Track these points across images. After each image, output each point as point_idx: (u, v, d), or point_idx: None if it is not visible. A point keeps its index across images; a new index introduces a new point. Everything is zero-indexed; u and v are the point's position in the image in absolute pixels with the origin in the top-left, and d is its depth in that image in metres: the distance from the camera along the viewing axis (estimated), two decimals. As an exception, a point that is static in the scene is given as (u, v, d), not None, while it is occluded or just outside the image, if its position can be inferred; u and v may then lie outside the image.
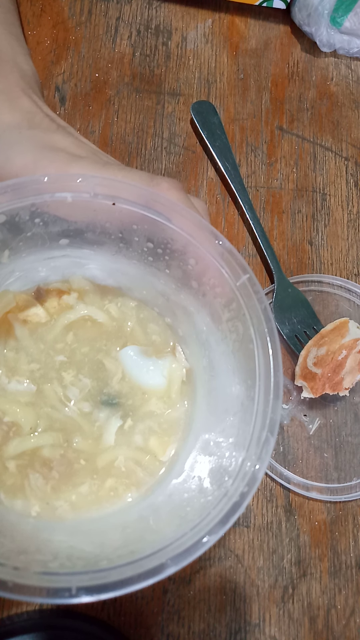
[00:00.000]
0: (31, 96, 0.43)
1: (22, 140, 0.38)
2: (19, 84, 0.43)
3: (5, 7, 0.48)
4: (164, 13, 0.57)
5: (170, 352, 0.40)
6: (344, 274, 0.52)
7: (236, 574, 0.44)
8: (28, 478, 0.35)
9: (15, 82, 0.43)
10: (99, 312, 0.39)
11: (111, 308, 0.40)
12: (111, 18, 0.56)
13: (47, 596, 0.26)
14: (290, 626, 0.44)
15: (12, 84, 0.43)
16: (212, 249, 0.32)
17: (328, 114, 0.57)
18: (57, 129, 0.40)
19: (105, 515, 0.36)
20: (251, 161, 0.54)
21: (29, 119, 0.41)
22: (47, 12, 0.55)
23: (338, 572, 0.45)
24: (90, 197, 0.32)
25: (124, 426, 0.37)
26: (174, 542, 0.28)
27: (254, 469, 0.29)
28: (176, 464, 0.37)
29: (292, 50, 0.58)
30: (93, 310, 0.39)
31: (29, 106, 0.42)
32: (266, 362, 0.31)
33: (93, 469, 0.37)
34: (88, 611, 0.42)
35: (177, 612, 0.43)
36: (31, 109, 0.41)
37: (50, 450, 0.36)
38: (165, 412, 0.39)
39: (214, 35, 0.57)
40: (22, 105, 0.41)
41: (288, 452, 0.47)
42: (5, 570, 0.27)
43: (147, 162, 0.53)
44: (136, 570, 0.27)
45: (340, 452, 0.48)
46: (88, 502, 0.36)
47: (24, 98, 0.42)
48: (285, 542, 0.45)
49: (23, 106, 0.41)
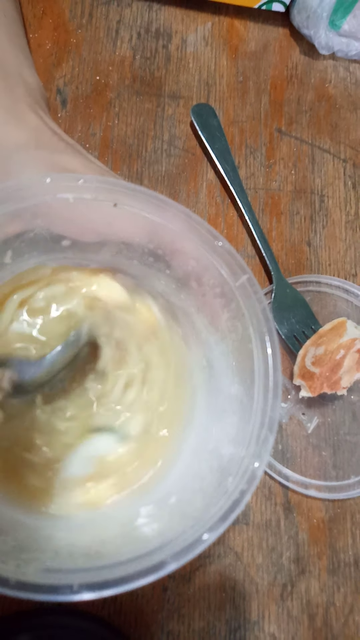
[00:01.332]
0: (37, 112, 0.42)
1: (30, 163, 0.38)
2: (25, 99, 0.43)
3: (10, 17, 0.48)
4: (164, 16, 0.57)
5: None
6: (342, 274, 0.53)
7: (235, 572, 0.45)
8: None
9: (21, 97, 0.43)
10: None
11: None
12: (112, 21, 0.56)
13: (48, 593, 0.26)
14: (289, 624, 0.44)
15: (19, 100, 0.42)
16: (212, 249, 0.33)
17: (326, 116, 0.57)
18: (65, 148, 0.40)
19: (106, 512, 0.36)
20: (250, 163, 0.55)
21: (36, 137, 0.40)
22: (48, 14, 0.56)
23: (337, 569, 0.46)
24: (91, 198, 0.33)
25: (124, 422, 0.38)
26: (175, 540, 0.28)
27: (253, 467, 0.30)
28: (176, 462, 0.37)
29: (291, 52, 0.59)
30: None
31: (35, 123, 0.41)
32: (265, 362, 0.31)
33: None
34: (88, 609, 0.42)
35: (177, 610, 0.43)
36: (38, 126, 0.41)
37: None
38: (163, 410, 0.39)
39: (213, 38, 0.57)
40: (29, 122, 0.41)
41: (287, 450, 0.48)
42: (7, 568, 0.27)
43: (148, 164, 0.53)
44: (137, 567, 0.27)
45: (339, 450, 0.48)
46: (89, 498, 0.36)
47: (30, 114, 0.42)
48: (284, 540, 0.46)
49: (30, 123, 0.41)
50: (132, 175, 0.53)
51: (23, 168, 0.38)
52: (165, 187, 0.53)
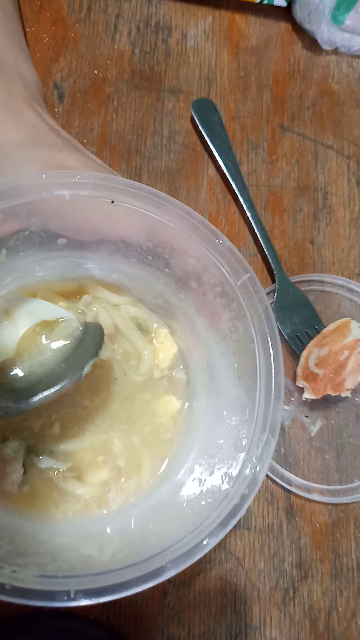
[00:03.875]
0: (35, 108, 0.43)
1: (28, 161, 0.38)
2: (22, 95, 0.43)
3: (8, 13, 0.48)
4: (164, 10, 0.56)
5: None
6: (346, 273, 0.52)
7: (237, 577, 0.44)
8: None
9: (19, 94, 0.43)
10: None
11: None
12: (110, 15, 0.56)
13: (45, 599, 0.26)
14: (291, 629, 0.44)
15: (16, 96, 0.43)
16: (212, 248, 0.32)
17: (329, 112, 0.56)
18: (63, 144, 0.40)
19: (104, 517, 0.35)
20: (252, 159, 0.54)
21: (34, 135, 0.40)
22: (46, 9, 0.55)
23: (339, 574, 0.45)
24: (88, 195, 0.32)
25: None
26: (174, 545, 0.28)
27: (254, 471, 0.29)
28: (176, 466, 0.36)
29: (293, 48, 0.58)
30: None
31: (33, 120, 0.41)
32: (267, 363, 0.31)
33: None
34: (88, 613, 0.42)
35: (177, 615, 0.43)
36: (36, 123, 0.41)
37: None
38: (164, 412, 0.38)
39: (214, 33, 0.57)
40: (26, 119, 0.41)
41: (289, 453, 0.47)
42: (3, 573, 0.27)
43: (147, 160, 0.52)
44: (135, 573, 0.27)
45: (342, 453, 0.47)
46: (88, 502, 0.35)
47: (28, 111, 0.42)
48: (286, 545, 0.45)
49: (28, 120, 0.41)
50: (131, 171, 0.52)
51: (20, 166, 0.38)
52: (165, 183, 0.52)
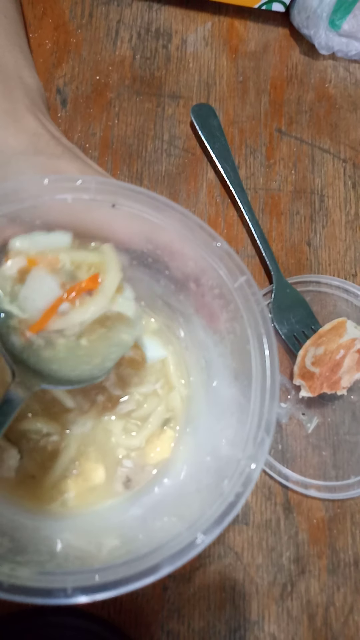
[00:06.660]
0: (36, 114, 0.42)
1: (28, 169, 0.39)
2: (23, 101, 0.43)
3: (11, 18, 0.48)
4: (164, 16, 0.57)
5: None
6: (342, 274, 0.52)
7: (235, 572, 0.45)
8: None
9: (20, 100, 0.43)
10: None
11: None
12: (112, 21, 0.56)
13: (42, 597, 0.26)
14: (289, 624, 0.44)
15: (17, 102, 0.42)
16: (211, 250, 0.33)
17: (326, 117, 0.57)
18: (63, 152, 0.40)
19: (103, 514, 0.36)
20: (250, 163, 0.55)
21: (35, 142, 0.40)
22: (49, 14, 0.56)
23: (336, 569, 0.46)
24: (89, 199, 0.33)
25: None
26: (170, 542, 0.28)
27: (249, 470, 0.29)
28: (172, 463, 0.37)
29: (291, 52, 0.58)
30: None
31: (34, 126, 0.41)
32: (263, 363, 0.31)
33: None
34: (88, 609, 0.42)
35: (177, 610, 0.44)
36: (37, 130, 0.41)
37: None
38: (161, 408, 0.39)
39: (213, 38, 0.57)
40: (27, 126, 0.41)
41: (287, 450, 0.48)
42: (1, 571, 0.27)
43: (148, 164, 0.53)
44: (131, 571, 0.27)
45: (339, 450, 0.48)
46: (85, 497, 0.36)
47: (29, 117, 0.42)
48: (284, 540, 0.46)
49: (29, 127, 0.41)
50: (132, 175, 0.53)
51: (20, 174, 0.39)
52: (165, 187, 0.53)
